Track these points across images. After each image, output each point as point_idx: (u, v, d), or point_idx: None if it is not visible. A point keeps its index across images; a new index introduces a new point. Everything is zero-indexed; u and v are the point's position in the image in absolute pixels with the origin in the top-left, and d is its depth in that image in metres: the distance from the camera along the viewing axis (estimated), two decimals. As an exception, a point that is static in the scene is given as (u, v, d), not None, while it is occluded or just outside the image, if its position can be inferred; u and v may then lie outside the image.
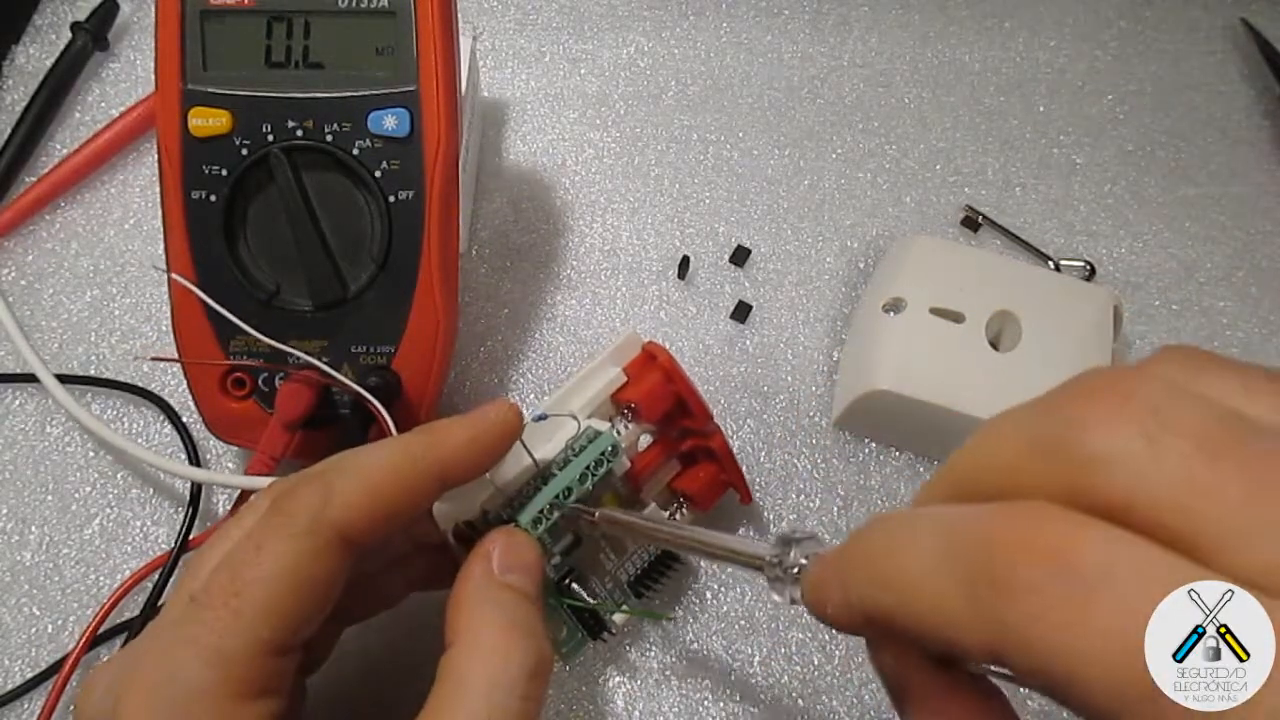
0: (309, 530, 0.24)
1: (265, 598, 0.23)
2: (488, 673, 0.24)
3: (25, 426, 0.41)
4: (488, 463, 0.28)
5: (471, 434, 0.27)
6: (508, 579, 0.27)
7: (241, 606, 0.23)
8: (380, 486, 0.25)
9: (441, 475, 0.27)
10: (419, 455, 0.26)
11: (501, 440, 0.28)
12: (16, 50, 0.50)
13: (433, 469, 0.26)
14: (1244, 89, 0.51)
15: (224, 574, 0.24)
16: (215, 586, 0.24)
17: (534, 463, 0.31)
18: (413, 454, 0.26)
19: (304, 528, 0.24)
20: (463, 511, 0.30)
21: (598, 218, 0.47)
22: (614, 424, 0.34)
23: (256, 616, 0.23)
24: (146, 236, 0.45)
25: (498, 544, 0.28)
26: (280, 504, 0.25)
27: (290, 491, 0.25)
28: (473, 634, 0.25)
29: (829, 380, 0.43)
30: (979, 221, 0.47)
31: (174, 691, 0.22)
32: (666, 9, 0.53)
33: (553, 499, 0.30)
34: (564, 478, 0.31)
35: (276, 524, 0.24)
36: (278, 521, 0.24)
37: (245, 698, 0.23)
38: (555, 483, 0.31)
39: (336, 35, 0.35)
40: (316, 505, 0.24)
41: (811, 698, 0.36)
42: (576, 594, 0.32)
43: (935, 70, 0.52)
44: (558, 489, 0.30)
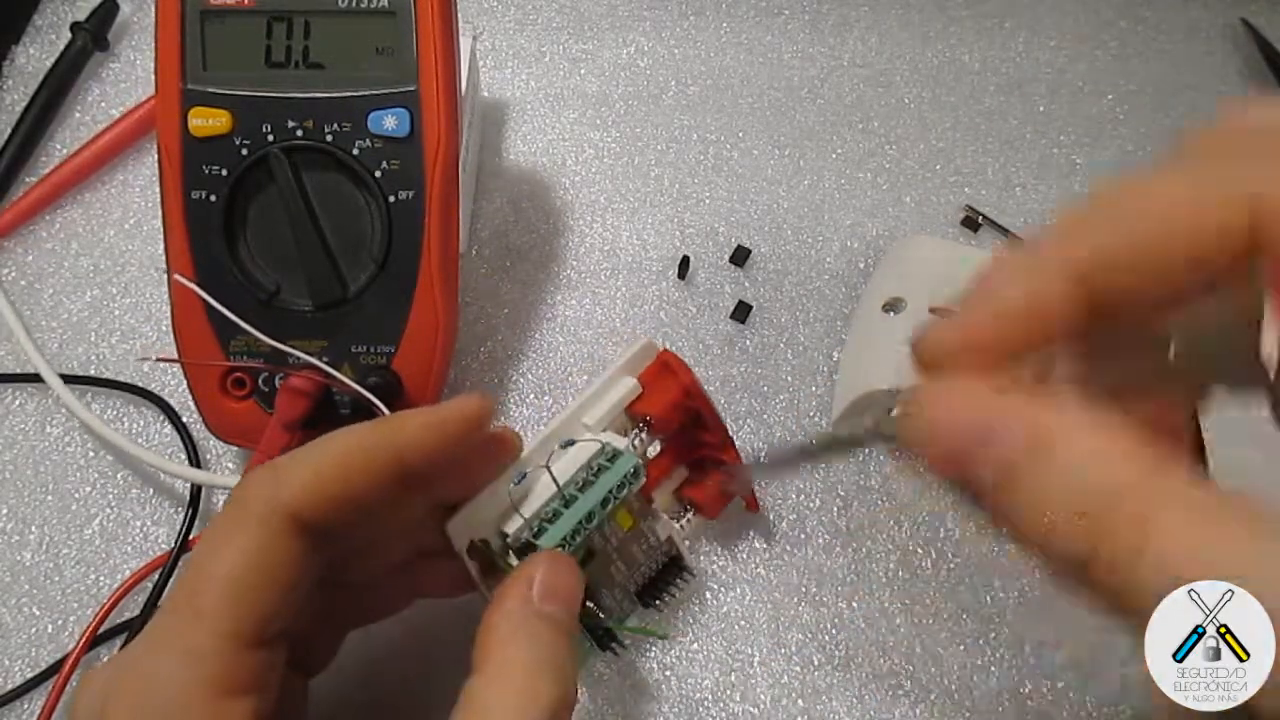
0: (261, 518, 0.24)
1: (223, 592, 0.23)
2: (513, 708, 0.24)
3: (25, 426, 0.41)
4: (447, 449, 0.27)
5: (429, 419, 0.27)
6: (546, 609, 0.27)
7: (202, 605, 0.23)
8: (330, 468, 0.25)
9: (397, 458, 0.26)
10: (374, 439, 0.26)
11: (461, 427, 0.27)
12: (16, 50, 0.50)
13: (386, 451, 0.26)
14: (1244, 89, 0.51)
15: (186, 576, 0.24)
16: (179, 591, 0.24)
17: (557, 488, 0.30)
18: (367, 437, 0.26)
19: (257, 515, 0.24)
20: (478, 531, 0.30)
21: (598, 218, 0.47)
22: (630, 438, 0.34)
23: (218, 612, 0.23)
24: (146, 236, 0.45)
25: (540, 569, 0.27)
26: (235, 494, 0.25)
27: (244, 481, 0.26)
28: (504, 666, 0.25)
29: (829, 380, 0.43)
30: (979, 221, 0.47)
31: (155, 696, 0.23)
32: (666, 9, 0.53)
33: (576, 524, 0.30)
34: (587, 502, 0.30)
35: (233, 516, 0.25)
36: (234, 514, 0.25)
37: (226, 695, 0.23)
38: (578, 507, 0.30)
39: (336, 35, 0.35)
40: (267, 492, 0.25)
41: (811, 698, 0.36)
42: (589, 609, 0.31)
43: (935, 70, 0.52)
44: (580, 514, 0.30)
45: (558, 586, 0.27)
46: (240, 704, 0.23)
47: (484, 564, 0.30)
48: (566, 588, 0.28)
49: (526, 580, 0.27)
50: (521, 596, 0.27)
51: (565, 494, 0.31)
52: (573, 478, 0.31)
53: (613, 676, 0.36)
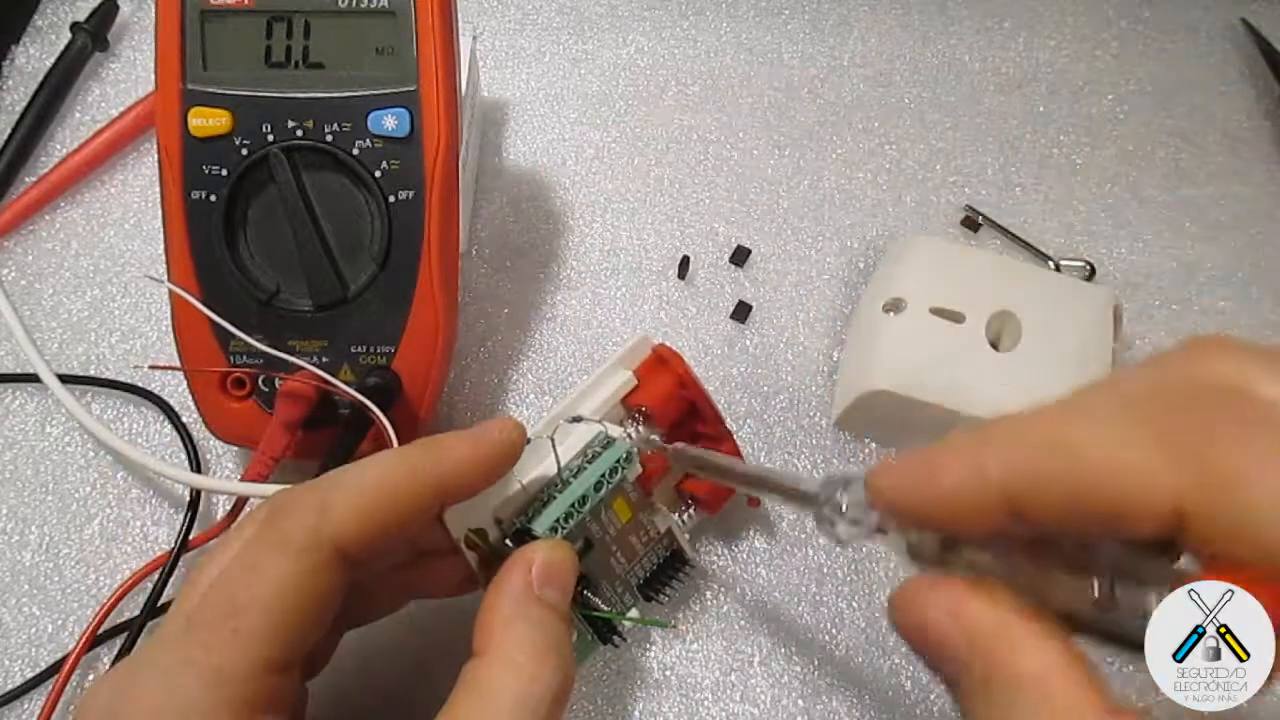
0: (306, 548, 0.24)
1: (263, 618, 0.23)
2: (516, 690, 0.24)
3: (25, 426, 0.41)
4: (488, 480, 0.28)
5: (473, 450, 0.27)
6: (545, 594, 0.27)
7: (239, 627, 0.23)
8: (378, 502, 0.25)
9: (440, 490, 0.26)
10: (418, 470, 0.26)
11: (503, 458, 0.28)
12: (16, 50, 0.50)
13: (431, 484, 0.26)
14: (1244, 89, 0.51)
15: (220, 594, 0.24)
16: (212, 607, 0.24)
17: (559, 467, 0.31)
18: (412, 468, 0.26)
19: (300, 545, 0.24)
20: (475, 519, 0.30)
21: (598, 218, 0.47)
22: (626, 428, 0.34)
23: (255, 637, 0.23)
24: (146, 236, 0.45)
25: (539, 556, 0.28)
26: (276, 520, 0.25)
27: (286, 507, 0.25)
28: (506, 648, 0.25)
29: (829, 380, 0.43)
30: (979, 221, 0.47)
31: (174, 713, 0.22)
32: (666, 9, 0.53)
33: (569, 507, 0.30)
34: (579, 486, 0.30)
35: (272, 541, 0.24)
36: (274, 539, 0.24)
37: (247, 717, 0.23)
38: (571, 491, 0.30)
39: (336, 35, 0.35)
40: (312, 522, 0.24)
41: (811, 698, 0.36)
42: (589, 601, 0.32)
43: (935, 70, 0.52)
44: (574, 497, 0.30)
45: (556, 571, 0.28)
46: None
47: (482, 556, 0.30)
48: (564, 573, 0.28)
49: (526, 565, 0.27)
50: (521, 581, 0.27)
51: (561, 478, 0.31)
52: (568, 465, 0.31)
53: (613, 675, 0.36)
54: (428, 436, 0.28)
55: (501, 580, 0.27)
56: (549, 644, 0.25)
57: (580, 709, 0.35)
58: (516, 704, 0.24)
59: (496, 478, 0.28)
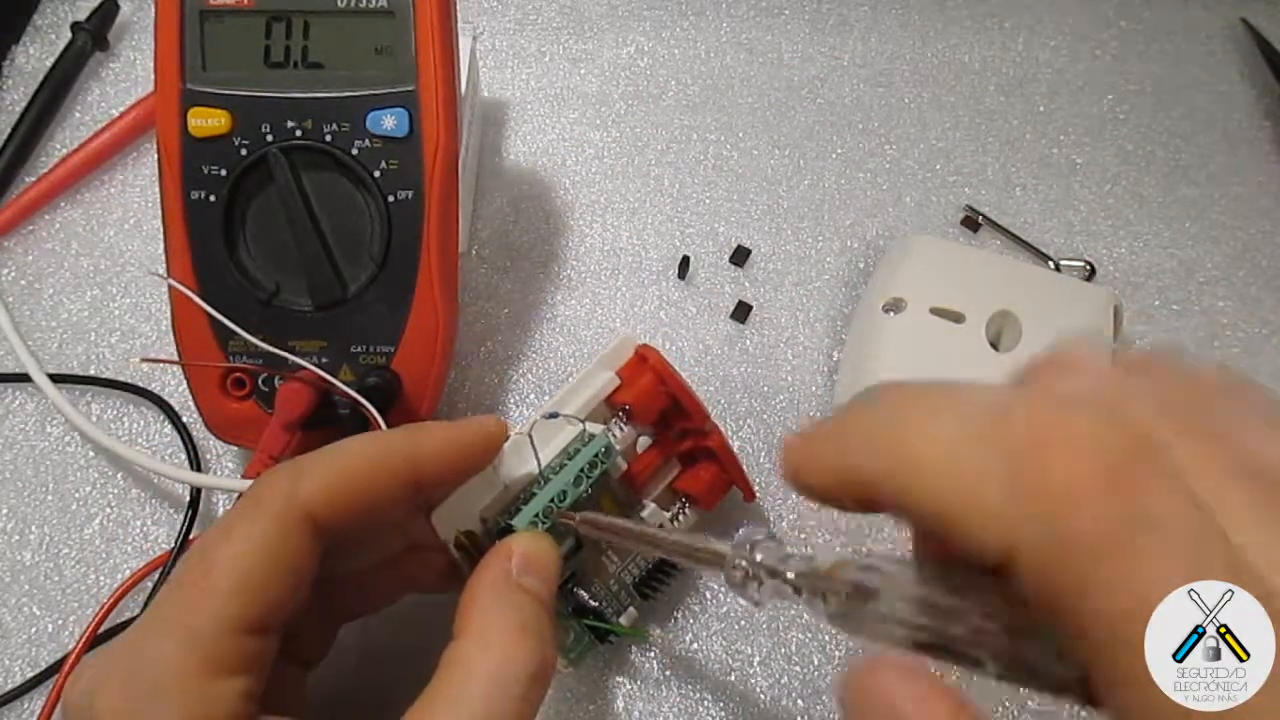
0: (277, 512, 0.25)
1: (233, 575, 0.24)
2: (492, 669, 0.24)
3: (25, 426, 0.41)
4: (465, 469, 0.29)
5: (450, 436, 0.28)
6: (524, 581, 0.27)
7: (209, 584, 0.24)
8: (349, 471, 0.26)
9: (414, 469, 0.27)
10: (393, 447, 0.27)
11: (481, 449, 0.29)
12: (16, 50, 0.50)
13: (406, 462, 0.27)
14: (1244, 89, 0.51)
15: (195, 555, 0.25)
16: (188, 569, 0.25)
17: (538, 463, 0.31)
18: (387, 445, 0.27)
19: (272, 509, 0.25)
20: (463, 520, 0.30)
21: (598, 218, 0.47)
22: (609, 427, 0.34)
23: (225, 593, 0.24)
24: (146, 236, 0.45)
25: (519, 546, 0.28)
26: (255, 489, 0.26)
27: (264, 477, 0.26)
28: (482, 630, 0.26)
29: (829, 380, 0.43)
30: (979, 221, 0.47)
31: (144, 670, 0.23)
32: (666, 9, 0.53)
33: (547, 503, 0.30)
34: (558, 482, 0.31)
35: (247, 507, 0.25)
36: (249, 506, 0.25)
37: (215, 675, 0.23)
38: (550, 486, 0.31)
39: (336, 35, 0.35)
40: (286, 488, 0.25)
41: (811, 698, 0.36)
42: (580, 599, 0.32)
43: (935, 70, 0.52)
44: (553, 492, 0.30)
45: (535, 560, 0.28)
46: (231, 684, 0.23)
47: (472, 560, 0.30)
48: (544, 564, 0.28)
49: (506, 554, 0.28)
50: (501, 569, 0.27)
51: (542, 475, 0.31)
52: (549, 463, 0.32)
53: (612, 675, 0.36)
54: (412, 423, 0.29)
55: (481, 568, 0.28)
56: (525, 626, 0.26)
57: (580, 709, 0.35)
58: (492, 683, 0.24)
59: (475, 469, 0.29)
